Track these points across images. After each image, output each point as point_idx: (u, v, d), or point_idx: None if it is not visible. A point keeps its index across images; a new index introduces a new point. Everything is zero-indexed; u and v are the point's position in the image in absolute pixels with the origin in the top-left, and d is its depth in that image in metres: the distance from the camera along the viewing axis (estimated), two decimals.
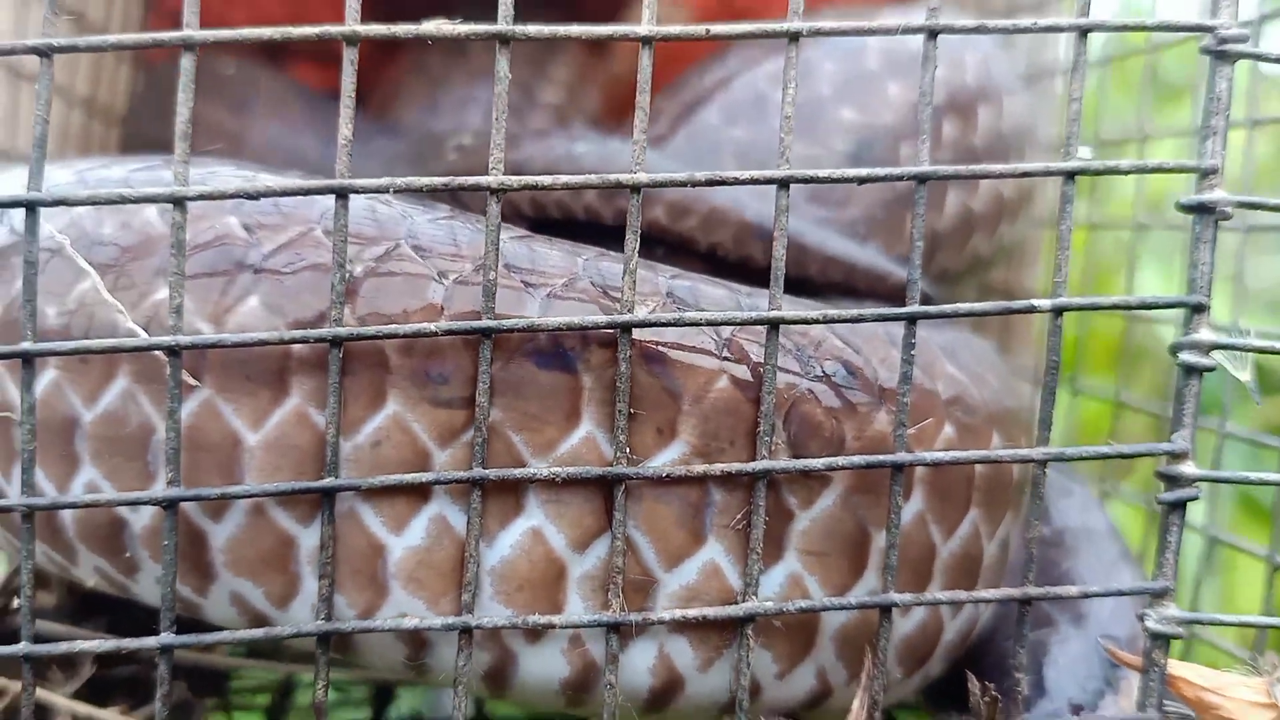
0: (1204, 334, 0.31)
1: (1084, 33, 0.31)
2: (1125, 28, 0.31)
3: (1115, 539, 0.45)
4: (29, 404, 0.29)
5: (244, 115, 0.52)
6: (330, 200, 0.30)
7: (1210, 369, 0.31)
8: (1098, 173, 0.31)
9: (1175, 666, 0.33)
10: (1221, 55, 0.31)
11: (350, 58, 0.29)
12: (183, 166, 0.29)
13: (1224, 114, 0.31)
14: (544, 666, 0.32)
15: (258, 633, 0.30)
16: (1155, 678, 0.32)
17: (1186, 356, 0.31)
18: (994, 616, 0.39)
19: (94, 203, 0.29)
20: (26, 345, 0.29)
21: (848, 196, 0.46)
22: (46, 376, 0.32)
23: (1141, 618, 0.32)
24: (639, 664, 0.32)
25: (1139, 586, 0.32)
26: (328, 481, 0.30)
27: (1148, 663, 0.32)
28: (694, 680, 0.32)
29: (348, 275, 0.30)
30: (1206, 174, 0.31)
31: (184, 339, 0.29)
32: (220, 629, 0.32)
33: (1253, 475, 0.32)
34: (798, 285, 0.40)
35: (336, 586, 0.31)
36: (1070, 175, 0.31)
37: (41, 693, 0.38)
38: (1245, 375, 0.32)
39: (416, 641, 0.31)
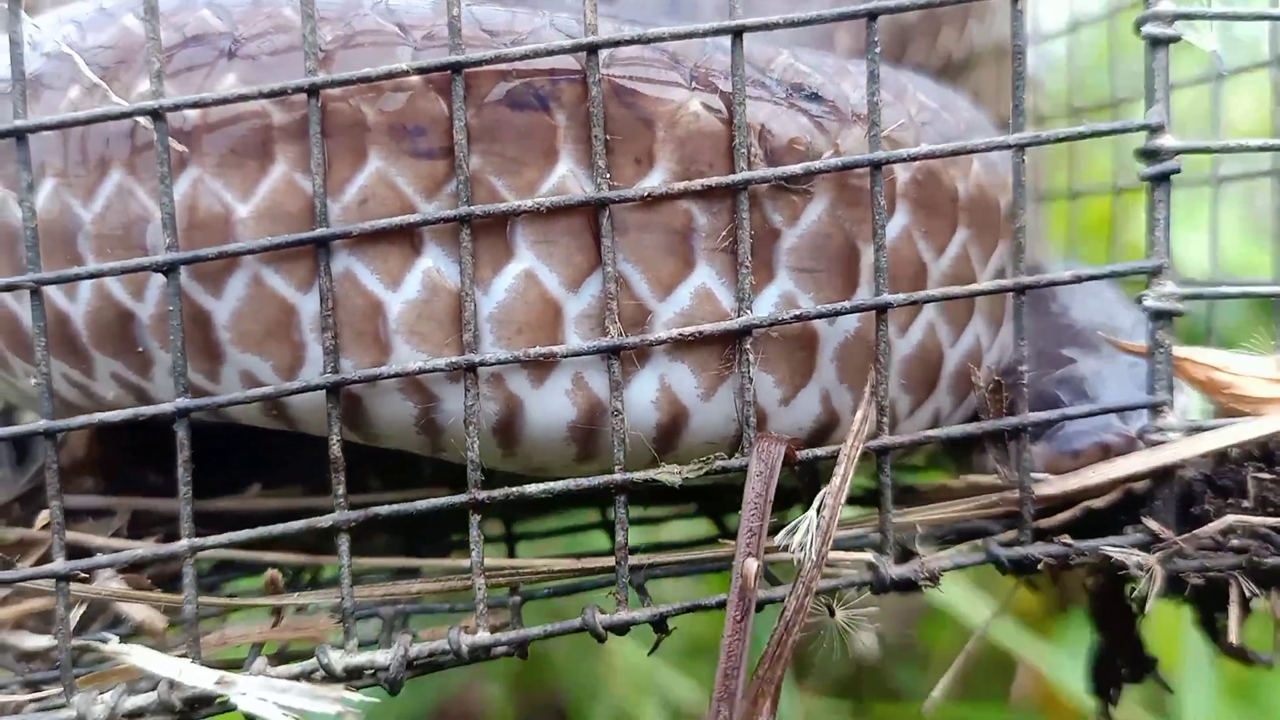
0: (1164, 5, 0.32)
1: None
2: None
3: (1114, 286, 0.45)
4: (26, 183, 0.30)
5: None
6: None
7: (1175, 39, 0.32)
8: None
9: (1181, 349, 0.33)
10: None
11: None
12: None
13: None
14: (551, 409, 0.32)
15: (266, 390, 0.31)
16: (1162, 359, 0.32)
17: (1151, 29, 0.32)
18: (1001, 349, 0.39)
19: None
20: (19, 123, 0.30)
21: None
22: (45, 187, 0.33)
23: (1139, 299, 0.32)
24: (643, 396, 0.32)
25: (1133, 266, 0.32)
26: (320, 231, 0.30)
27: (1152, 345, 0.32)
28: (698, 410, 0.32)
29: (319, 48, 0.31)
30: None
31: (166, 100, 0.30)
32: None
33: (1232, 142, 0.32)
34: None
35: (342, 350, 0.31)
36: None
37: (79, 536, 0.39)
38: (1210, 44, 0.32)
39: (424, 394, 0.32)
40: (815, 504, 0.30)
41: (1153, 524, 0.32)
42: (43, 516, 0.34)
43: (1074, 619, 0.50)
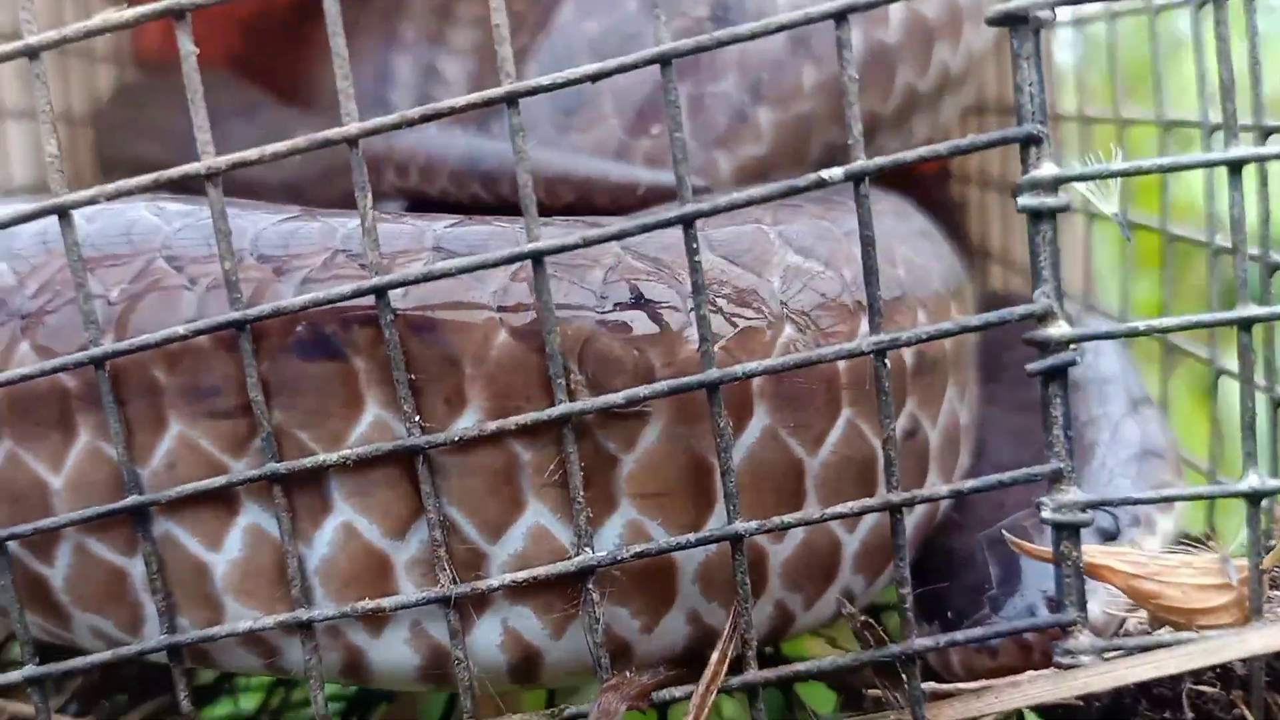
0: (1045, 169, 0.26)
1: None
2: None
3: (1125, 384, 0.40)
4: None
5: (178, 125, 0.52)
6: (90, 224, 0.30)
7: (1062, 208, 0.26)
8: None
9: (1096, 553, 0.28)
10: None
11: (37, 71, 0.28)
12: None
13: None
14: (394, 657, 0.30)
15: (106, 655, 0.30)
16: (1070, 572, 0.28)
17: (1028, 200, 0.26)
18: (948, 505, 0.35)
19: None
20: None
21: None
22: None
23: (1038, 507, 0.28)
24: (488, 641, 0.30)
25: (1028, 472, 0.27)
26: (129, 501, 0.29)
27: (1059, 556, 0.28)
28: (551, 649, 0.30)
29: (108, 302, 0.29)
30: None
31: None
32: None
33: (1140, 324, 0.27)
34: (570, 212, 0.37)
35: (177, 609, 0.30)
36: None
37: None
38: (1111, 206, 0.27)
39: (264, 648, 0.31)
40: None
41: None
42: None
43: None
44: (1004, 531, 0.29)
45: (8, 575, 0.30)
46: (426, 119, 0.27)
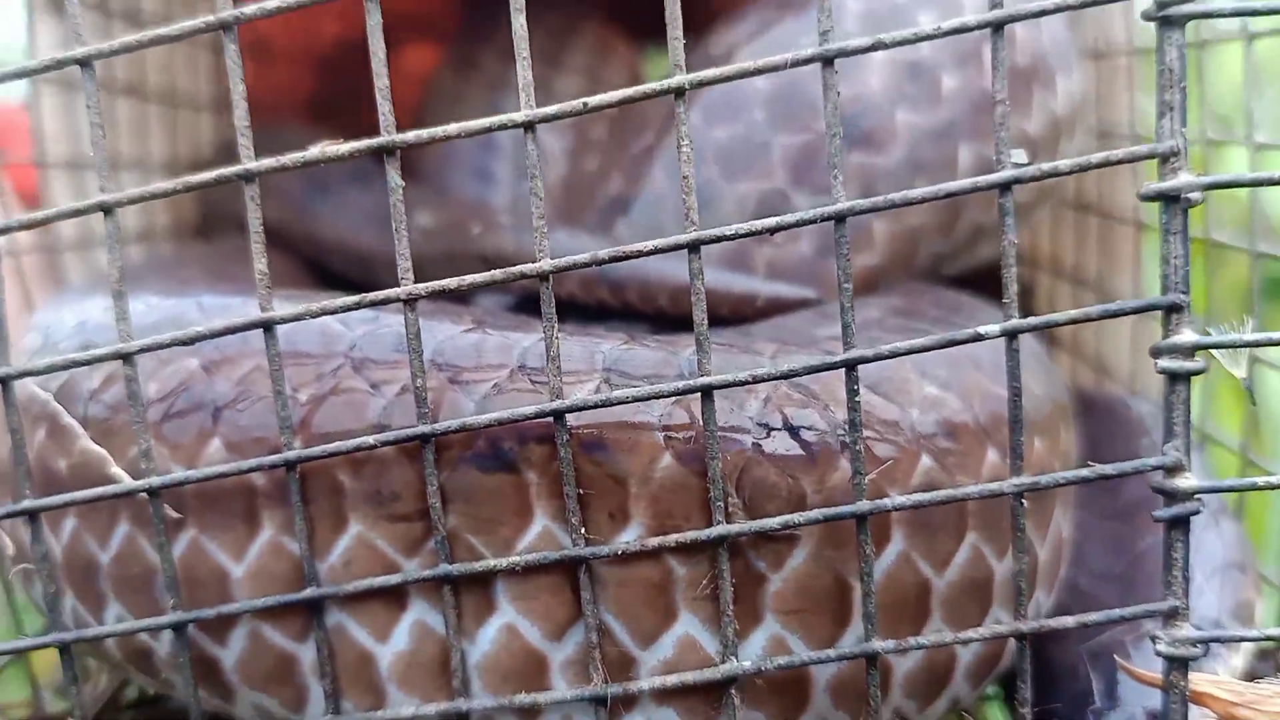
0: (1185, 335, 0.29)
1: (998, 28, 0.28)
2: (1043, 12, 0.28)
3: (1217, 527, 0.42)
4: (40, 553, 0.32)
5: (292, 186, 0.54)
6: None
7: (1197, 372, 0.29)
8: (1034, 179, 0.28)
9: (1201, 682, 0.31)
10: (1166, 21, 0.28)
11: (251, 194, 0.30)
12: (124, 324, 0.30)
13: (1179, 87, 0.28)
14: None
15: None
16: (1177, 700, 0.30)
17: (1167, 363, 0.29)
18: (1058, 605, 0.37)
19: (54, 369, 0.31)
20: (27, 503, 0.31)
21: (889, 138, 0.43)
22: (69, 525, 0.35)
23: (1153, 640, 0.30)
24: None
25: (1144, 609, 0.30)
26: (309, 592, 0.31)
27: (1168, 684, 0.30)
28: None
29: (297, 402, 0.31)
30: (1167, 158, 0.28)
31: (155, 480, 0.31)
32: None
33: (1260, 480, 0.29)
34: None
35: (341, 693, 0.32)
36: (1005, 186, 0.28)
37: None
38: (1240, 371, 0.29)
39: None
40: None
41: None
42: None
43: None
44: (1116, 658, 0.32)
45: (187, 654, 0.32)
46: (615, 259, 0.29)
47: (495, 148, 0.56)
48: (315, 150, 0.29)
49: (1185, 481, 0.29)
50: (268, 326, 0.30)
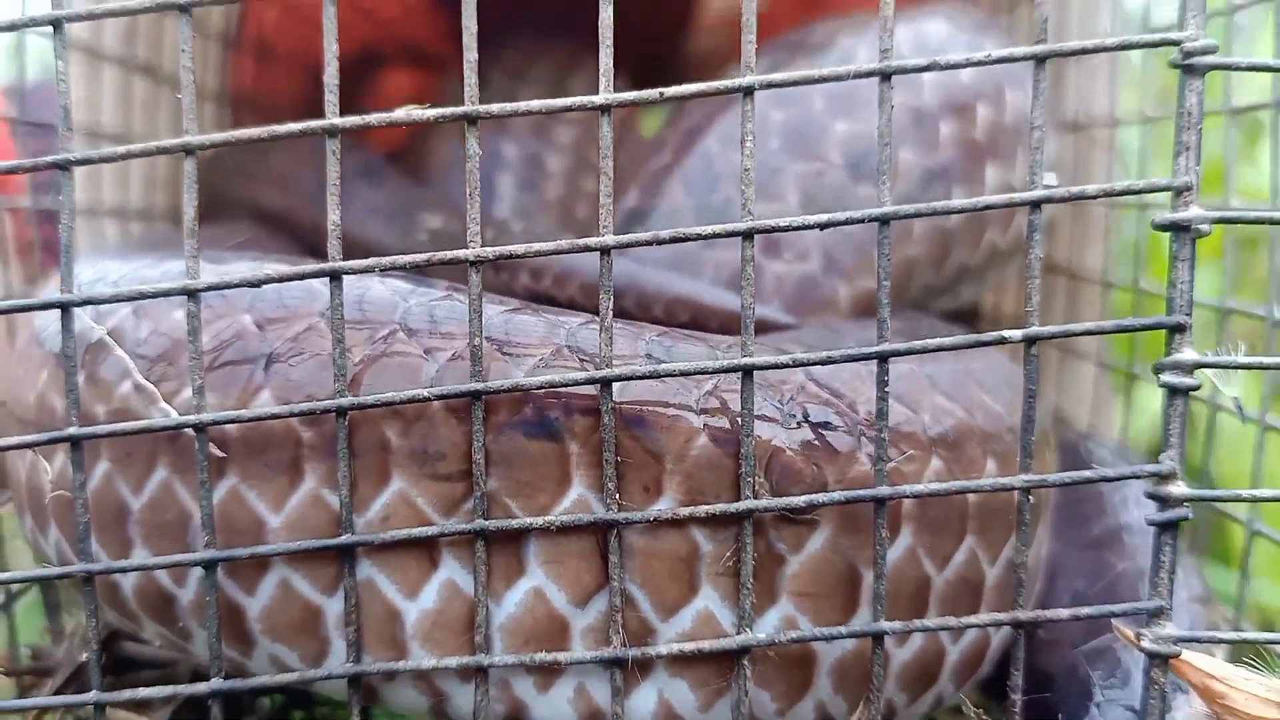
0: (1186, 354, 0.31)
1: (1041, 61, 0.31)
2: (1084, 50, 0.31)
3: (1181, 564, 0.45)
4: (79, 481, 0.32)
5: (302, 174, 0.55)
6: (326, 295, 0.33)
7: (1194, 388, 0.31)
8: (1063, 200, 0.31)
9: (1186, 656, 0.33)
10: (1189, 69, 0.31)
11: (332, 148, 0.31)
12: (194, 261, 0.31)
13: (1195, 129, 0.31)
14: (553, 715, 0.34)
15: (292, 676, 0.33)
16: (1156, 695, 0.33)
17: (1169, 378, 0.31)
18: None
19: (118, 299, 0.32)
20: (72, 430, 0.32)
21: (894, 175, 0.46)
22: (100, 468, 0.35)
23: (1138, 637, 0.32)
24: (642, 709, 0.33)
25: (1133, 606, 0.32)
26: (345, 538, 0.32)
27: (1147, 681, 0.33)
28: None
29: (350, 360, 0.32)
30: (1180, 192, 0.31)
31: (206, 416, 0.32)
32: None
33: (1244, 493, 0.32)
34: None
35: (364, 648, 0.33)
36: (1036, 204, 0.31)
37: None
38: (1233, 391, 0.32)
39: (436, 692, 0.34)
40: None
41: None
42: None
43: None
44: (1116, 628, 0.34)
45: (214, 594, 0.33)
46: (675, 240, 0.31)
47: (499, 161, 0.58)
48: (401, 112, 0.31)
49: (1177, 489, 0.32)
50: (335, 276, 0.31)
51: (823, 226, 0.31)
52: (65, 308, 0.32)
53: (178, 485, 0.34)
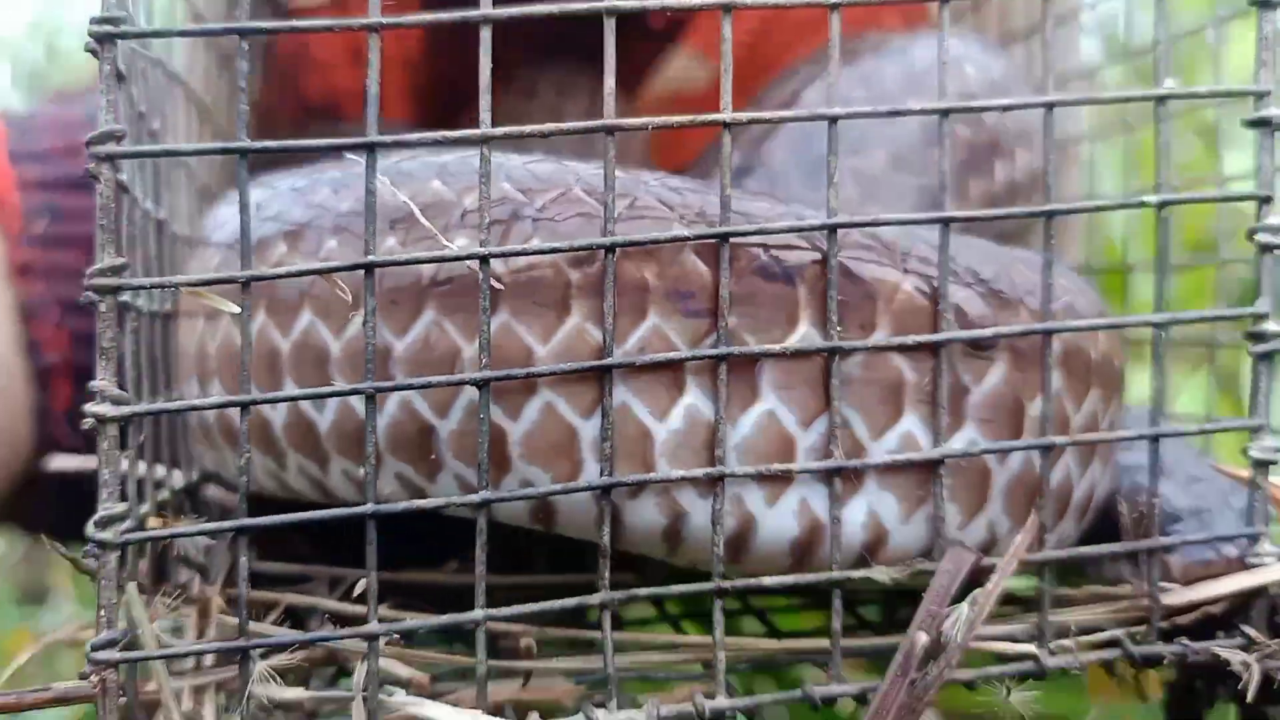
0: (1274, 219, 0.40)
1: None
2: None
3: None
4: (371, 308, 0.36)
5: None
6: (577, 170, 0.39)
7: (1279, 247, 0.40)
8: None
9: (1275, 480, 0.41)
10: (1266, 4, 0.40)
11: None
12: (486, 113, 0.36)
13: (1272, 49, 0.40)
14: (779, 526, 0.38)
15: (556, 487, 0.37)
16: (1259, 499, 0.40)
17: (1262, 237, 0.40)
18: (1104, 494, 0.47)
19: (423, 143, 0.36)
20: (371, 257, 0.36)
21: (924, 168, 0.55)
22: (355, 321, 0.39)
23: (1244, 450, 0.40)
24: (854, 519, 0.39)
25: (1239, 423, 0.40)
26: (608, 360, 0.37)
27: (1251, 486, 0.40)
28: (897, 533, 0.39)
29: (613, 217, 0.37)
30: (1261, 96, 0.40)
31: (493, 249, 0.36)
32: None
33: None
34: None
35: (614, 467, 0.37)
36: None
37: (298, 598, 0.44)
38: None
39: (675, 508, 0.38)
40: (969, 600, 0.38)
41: (1250, 631, 0.40)
42: (360, 585, 0.38)
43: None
44: (1212, 465, 0.41)
45: (488, 413, 0.36)
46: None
47: None
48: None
49: (1271, 326, 0.40)
50: (610, 130, 0.37)
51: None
52: (371, 148, 0.36)
53: (446, 324, 0.38)
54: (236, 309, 0.36)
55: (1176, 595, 0.40)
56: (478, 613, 0.37)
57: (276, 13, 0.72)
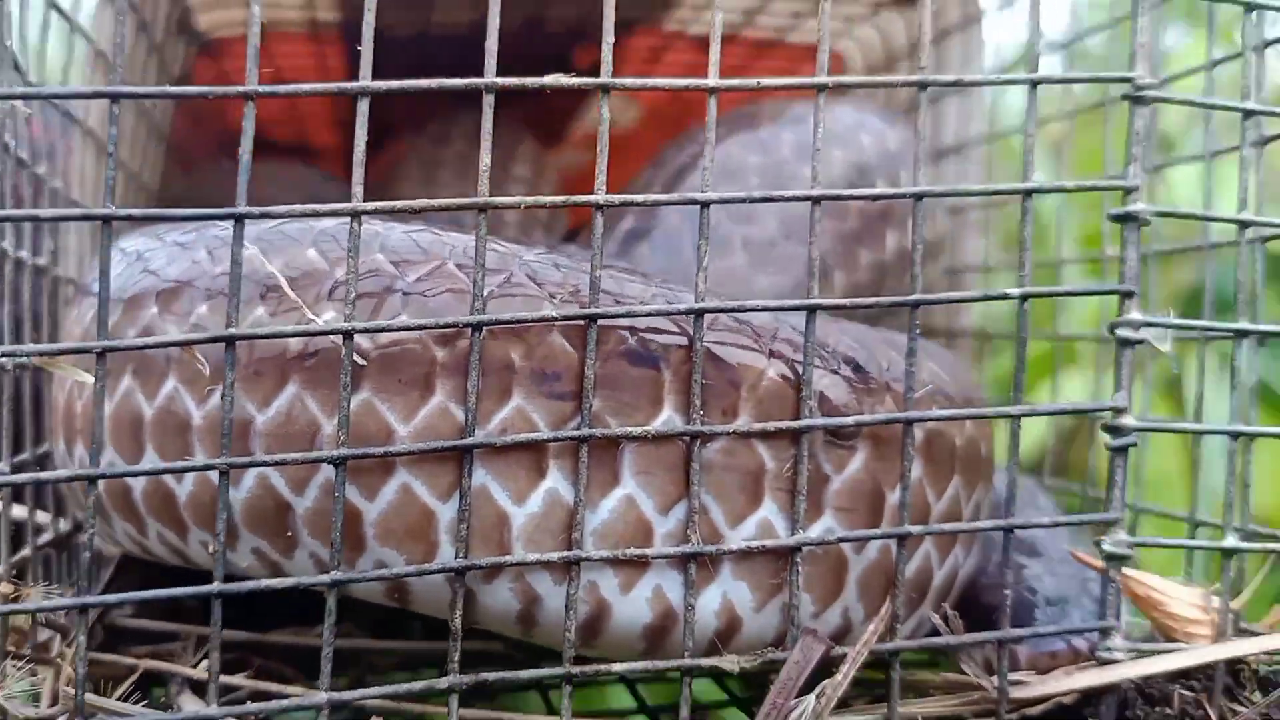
0: (1134, 315, 0.41)
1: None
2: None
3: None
4: (230, 381, 0.36)
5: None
6: (454, 243, 0.39)
7: (1139, 342, 0.41)
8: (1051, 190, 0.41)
9: (1130, 572, 0.42)
10: (1139, 100, 0.41)
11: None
12: (358, 187, 0.36)
13: (1141, 144, 0.41)
14: (633, 612, 0.38)
15: (410, 569, 0.37)
16: (1113, 592, 0.41)
17: (1122, 332, 0.41)
18: (968, 576, 0.47)
19: (291, 215, 0.36)
20: (232, 330, 0.36)
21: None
22: (217, 393, 0.38)
23: (1098, 543, 0.41)
24: (708, 606, 0.39)
25: (1096, 517, 0.41)
26: (468, 440, 0.37)
27: (1105, 579, 0.41)
28: (751, 620, 0.39)
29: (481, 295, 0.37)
30: (1129, 191, 0.41)
31: (357, 324, 0.36)
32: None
33: (1190, 425, 0.42)
34: None
35: (471, 550, 0.37)
36: (1027, 194, 0.41)
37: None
38: (1166, 347, 0.41)
39: (529, 593, 0.38)
40: (816, 691, 0.38)
41: None
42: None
43: None
44: (1070, 553, 0.42)
45: (343, 491, 0.36)
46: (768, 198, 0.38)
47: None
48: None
49: (1128, 421, 0.41)
50: (483, 209, 0.37)
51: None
52: (239, 219, 0.36)
53: (308, 399, 0.38)
54: (91, 379, 0.35)
55: (1026, 689, 0.41)
56: (321, 695, 0.36)
57: (192, 43, 0.72)
